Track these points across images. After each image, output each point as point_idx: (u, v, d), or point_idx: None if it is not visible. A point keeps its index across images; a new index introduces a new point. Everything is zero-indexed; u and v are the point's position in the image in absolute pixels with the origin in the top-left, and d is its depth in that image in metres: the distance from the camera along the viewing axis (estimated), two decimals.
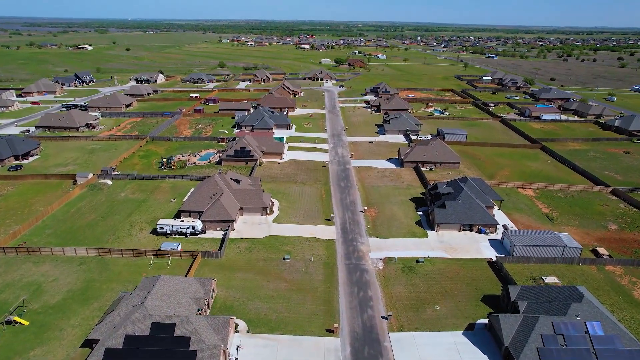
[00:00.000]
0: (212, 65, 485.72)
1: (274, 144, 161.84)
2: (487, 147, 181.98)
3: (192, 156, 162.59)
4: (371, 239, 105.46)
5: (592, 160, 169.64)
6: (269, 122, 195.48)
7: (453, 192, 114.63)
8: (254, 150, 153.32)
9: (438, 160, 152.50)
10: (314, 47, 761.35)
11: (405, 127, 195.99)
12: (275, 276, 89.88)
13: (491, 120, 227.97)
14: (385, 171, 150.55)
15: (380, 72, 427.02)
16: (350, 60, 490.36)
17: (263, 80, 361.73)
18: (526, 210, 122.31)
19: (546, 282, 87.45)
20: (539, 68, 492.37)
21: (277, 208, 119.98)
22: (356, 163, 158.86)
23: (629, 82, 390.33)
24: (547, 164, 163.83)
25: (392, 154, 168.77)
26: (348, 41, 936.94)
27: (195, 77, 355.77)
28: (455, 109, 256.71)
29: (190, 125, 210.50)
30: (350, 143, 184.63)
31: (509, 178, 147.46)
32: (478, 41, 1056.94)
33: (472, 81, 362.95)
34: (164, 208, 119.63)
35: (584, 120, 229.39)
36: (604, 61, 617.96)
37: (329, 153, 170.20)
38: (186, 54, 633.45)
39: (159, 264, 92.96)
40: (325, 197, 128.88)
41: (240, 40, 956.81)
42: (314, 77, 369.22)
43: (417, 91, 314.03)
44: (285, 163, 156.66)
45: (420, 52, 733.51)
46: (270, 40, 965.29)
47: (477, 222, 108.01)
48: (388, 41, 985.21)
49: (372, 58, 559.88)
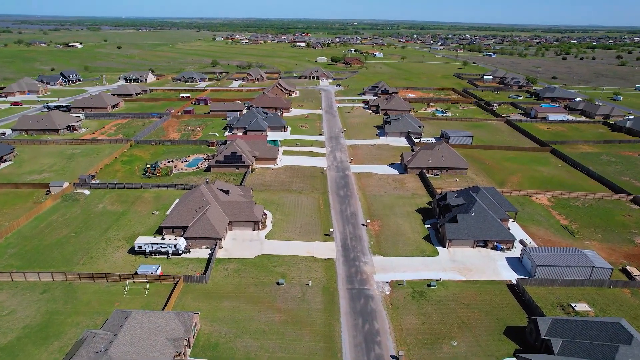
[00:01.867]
0: (205, 63, 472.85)
1: (268, 149, 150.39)
2: (494, 151, 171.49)
3: (179, 162, 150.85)
4: (375, 257, 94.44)
5: (606, 164, 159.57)
6: (263, 124, 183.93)
7: (465, 204, 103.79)
8: (245, 156, 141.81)
9: (444, 165, 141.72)
10: (309, 45, 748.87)
11: (407, 129, 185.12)
12: (267, 305, 78.66)
13: (496, 121, 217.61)
14: (387, 178, 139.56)
15: (378, 71, 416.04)
16: (347, 58, 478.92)
17: (257, 79, 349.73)
18: (543, 223, 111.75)
19: (577, 311, 76.83)
20: (539, 66, 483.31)
21: (271, 221, 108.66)
22: (356, 169, 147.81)
23: (631, 81, 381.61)
24: (559, 169, 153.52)
25: (394, 159, 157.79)
26: (344, 39, 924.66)
27: (187, 76, 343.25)
28: (458, 109, 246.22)
29: (179, 128, 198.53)
30: (349, 146, 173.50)
31: (521, 185, 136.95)
32: (475, 39, 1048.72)
33: (473, 80, 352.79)
34: (145, 222, 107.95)
35: (592, 121, 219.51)
36: (602, 59, 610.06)
37: (326, 158, 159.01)
38: (179, 52, 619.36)
39: (135, 290, 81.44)
40: (323, 208, 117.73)
41: (235, 39, 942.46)
42: (310, 76, 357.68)
43: (416, 90, 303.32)
44: (280, 169, 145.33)
45: (417, 50, 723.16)
46: (265, 38, 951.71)
47: (492, 237, 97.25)
48: (384, 39, 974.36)
49: (369, 56, 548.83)
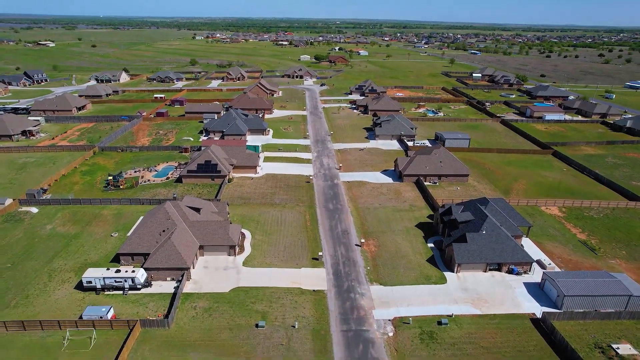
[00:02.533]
0: (183, 63, 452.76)
1: (247, 155, 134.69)
2: (493, 154, 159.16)
3: (146, 172, 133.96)
4: (373, 287, 80.00)
5: (613, 167, 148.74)
6: (242, 128, 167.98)
7: (474, 220, 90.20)
8: (221, 164, 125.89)
9: (443, 172, 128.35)
10: (292, 44, 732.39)
11: (399, 132, 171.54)
12: (244, 355, 63.44)
13: (491, 121, 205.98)
14: (381, 187, 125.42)
15: (363, 69, 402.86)
16: (331, 56, 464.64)
17: (237, 78, 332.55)
18: (559, 238, 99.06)
19: (621, 355, 63.71)
20: (526, 64, 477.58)
21: (249, 243, 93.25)
22: (346, 177, 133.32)
23: (619, 79, 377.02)
24: (565, 173, 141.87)
25: (387, 165, 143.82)
26: (327, 38, 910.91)
27: (163, 75, 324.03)
28: (449, 108, 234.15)
29: (150, 132, 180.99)
30: (337, 151, 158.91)
31: (528, 193, 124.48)
32: (458, 38, 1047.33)
33: (462, 78, 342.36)
34: (101, 247, 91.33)
35: (590, 121, 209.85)
36: (585, 57, 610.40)
37: (312, 164, 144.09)
38: (156, 51, 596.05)
39: (77, 342, 65.20)
40: (310, 224, 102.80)
41: (216, 37, 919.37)
42: (293, 75, 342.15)
43: (405, 89, 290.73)
44: (261, 178, 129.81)
45: (401, 48, 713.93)
46: (246, 37, 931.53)
47: (507, 259, 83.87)
48: (368, 38, 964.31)
49: (353, 54, 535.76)
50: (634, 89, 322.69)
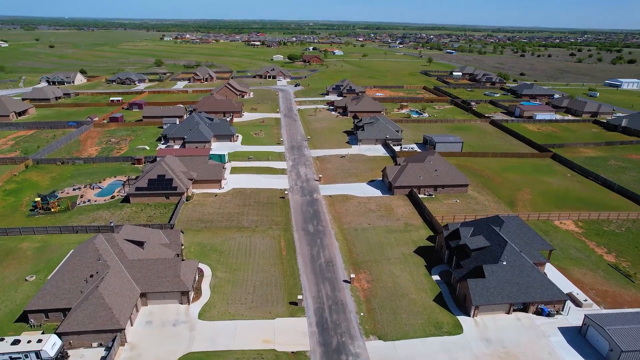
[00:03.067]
0: (148, 63, 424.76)
1: (210, 167, 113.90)
2: (488, 158, 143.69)
3: (88, 189, 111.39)
4: (371, 342, 61.23)
5: (619, 171, 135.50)
6: (206, 133, 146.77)
7: (490, 247, 72.79)
8: (178, 179, 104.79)
9: (440, 182, 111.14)
10: (264, 44, 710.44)
11: (384, 135, 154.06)
12: None
13: (480, 122, 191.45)
14: (369, 202, 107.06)
15: (339, 69, 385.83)
16: (306, 56, 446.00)
17: (205, 79, 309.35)
18: (584, 261, 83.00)
19: None
20: (503, 63, 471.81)
21: (209, 285, 72.99)
22: (327, 190, 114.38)
23: (596, 77, 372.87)
24: (569, 180, 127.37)
25: (373, 174, 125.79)
26: (301, 39, 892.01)
27: (123, 77, 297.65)
28: (434, 108, 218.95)
29: (100, 140, 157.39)
30: (315, 159, 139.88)
31: (535, 204, 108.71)
32: (431, 38, 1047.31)
33: (442, 77, 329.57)
34: (8, 298, 69.13)
35: (581, 120, 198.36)
36: (558, 57, 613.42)
37: (288, 175, 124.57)
38: (121, 52, 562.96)
39: None
40: (286, 254, 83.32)
41: (185, 38, 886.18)
42: (266, 75, 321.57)
43: (385, 89, 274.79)
44: (226, 195, 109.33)
45: (376, 48, 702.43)
46: (217, 38, 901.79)
47: (535, 297, 66.69)
48: (342, 38, 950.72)
49: (328, 54, 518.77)
50: (614, 87, 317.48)
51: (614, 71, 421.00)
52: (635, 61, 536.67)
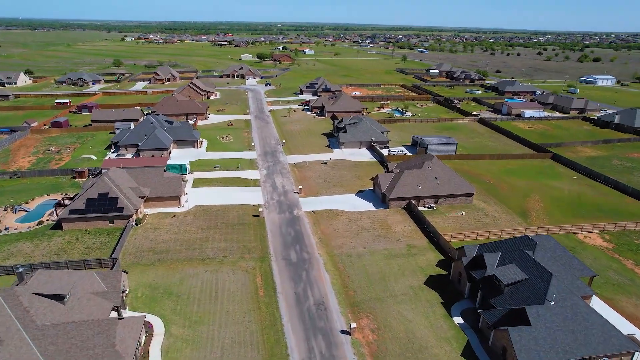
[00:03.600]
0: (105, 64, 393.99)
1: (167, 181, 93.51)
2: (486, 161, 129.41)
3: (9, 212, 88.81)
4: None
5: (626, 172, 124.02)
6: (164, 139, 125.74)
7: (529, 280, 56.60)
8: (125, 197, 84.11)
9: (442, 192, 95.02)
10: (232, 44, 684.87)
11: (369, 137, 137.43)
12: None
13: (467, 120, 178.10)
14: (360, 218, 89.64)
15: (311, 68, 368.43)
16: (275, 55, 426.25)
17: (167, 79, 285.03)
18: (630, 288, 68.36)
19: None
20: (476, 61, 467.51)
21: (160, 349, 53.44)
22: (309, 204, 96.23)
23: (569, 74, 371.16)
24: (578, 183, 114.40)
25: (362, 183, 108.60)
26: (269, 39, 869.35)
27: (74, 77, 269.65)
28: (416, 107, 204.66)
29: (37, 149, 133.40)
30: (292, 166, 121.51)
31: (550, 214, 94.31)
32: (400, 38, 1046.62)
33: (419, 75, 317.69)
34: None
35: (571, 117, 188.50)
36: (527, 55, 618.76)
37: (262, 187, 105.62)
38: (76, 52, 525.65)
39: None
40: (264, 295, 64.62)
41: (148, 39, 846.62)
42: (234, 75, 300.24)
43: (362, 87, 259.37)
44: (187, 215, 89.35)
45: (347, 48, 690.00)
46: (182, 38, 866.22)
47: (597, 350, 50.71)
48: (311, 39, 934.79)
49: (299, 53, 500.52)
50: (589, 84, 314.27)
51: (583, 68, 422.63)
52: (600, 59, 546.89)
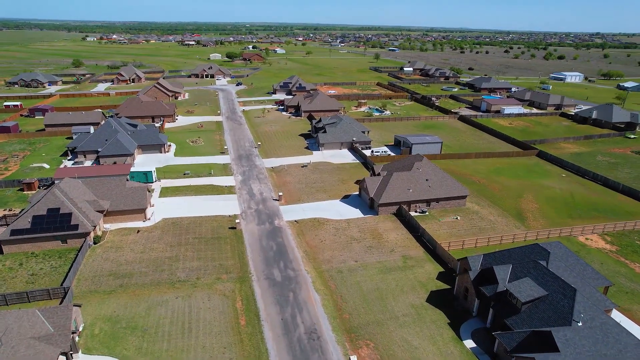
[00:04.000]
0: (64, 64, 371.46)
1: (130, 192, 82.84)
2: (471, 160, 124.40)
3: None
4: None
5: (612, 167, 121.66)
6: (127, 144, 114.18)
7: (549, 297, 50.18)
8: (81, 212, 73.20)
9: (433, 196, 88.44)
10: (200, 43, 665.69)
11: (350, 137, 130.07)
12: None
13: (448, 118, 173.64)
14: (348, 227, 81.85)
15: (283, 67, 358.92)
16: (246, 54, 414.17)
17: (132, 79, 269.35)
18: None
19: None
20: (447, 59, 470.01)
21: None
22: (291, 212, 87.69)
23: (539, 71, 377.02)
24: (567, 181, 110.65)
25: (346, 187, 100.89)
26: (238, 38, 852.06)
27: (28, 78, 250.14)
28: (394, 105, 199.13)
29: None
30: (270, 170, 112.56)
31: (546, 216, 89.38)
32: (370, 37, 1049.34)
33: (393, 73, 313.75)
34: None
35: (549, 113, 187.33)
36: (495, 53, 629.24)
37: (237, 195, 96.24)
38: (32, 52, 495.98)
39: None
40: (246, 324, 55.78)
41: (111, 38, 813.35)
42: (203, 75, 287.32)
43: (337, 86, 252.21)
44: (155, 229, 79.11)
45: (318, 47, 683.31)
46: (148, 39, 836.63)
47: None
48: (281, 38, 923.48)
49: (269, 52, 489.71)
50: (559, 80, 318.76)
51: (550, 66, 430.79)
52: (564, 57, 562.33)
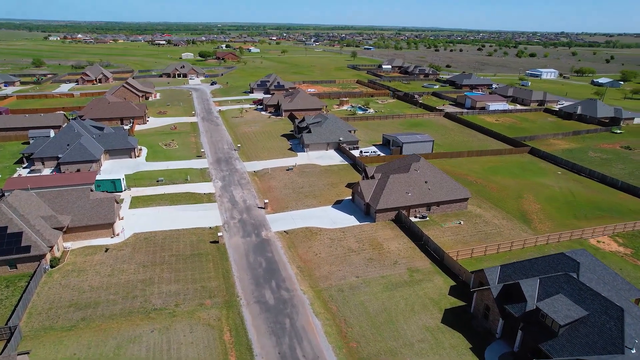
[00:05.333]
0: (24, 64, 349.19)
1: (94, 204, 72.37)
2: (464, 159, 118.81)
3: None
4: None
5: (605, 163, 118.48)
6: (92, 149, 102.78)
7: (590, 318, 43.59)
8: (34, 231, 62.49)
9: (434, 199, 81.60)
10: (171, 43, 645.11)
11: (336, 137, 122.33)
12: None
13: (433, 116, 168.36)
14: (344, 236, 73.94)
15: (259, 65, 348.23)
16: (219, 53, 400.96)
17: (98, 79, 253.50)
18: None
19: None
20: (424, 56, 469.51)
21: None
22: (279, 222, 79.09)
23: (514, 69, 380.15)
24: (564, 179, 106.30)
25: (337, 192, 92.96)
26: (211, 38, 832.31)
27: None
28: (377, 103, 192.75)
29: None
30: (253, 175, 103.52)
31: (551, 217, 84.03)
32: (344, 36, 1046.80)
33: (372, 70, 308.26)
34: None
35: (533, 109, 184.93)
36: (468, 51, 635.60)
37: (218, 203, 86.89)
38: None
39: None
40: (237, 359, 47.01)
41: (77, 38, 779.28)
42: (175, 74, 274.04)
43: (316, 84, 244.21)
44: (124, 247, 69.01)
45: (293, 46, 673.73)
46: (116, 38, 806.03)
47: None
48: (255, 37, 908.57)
49: (244, 51, 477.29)
50: (535, 77, 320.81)
51: (523, 63, 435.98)
52: (536, 55, 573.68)
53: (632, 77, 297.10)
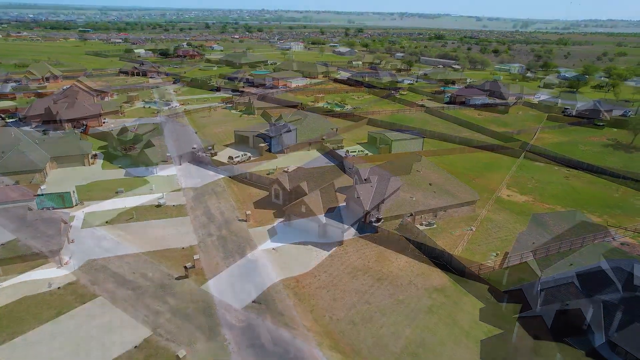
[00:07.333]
0: None
1: (36, 225, 57.92)
2: (455, 156, 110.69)
3: None
4: None
5: (598, 156, 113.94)
6: (34, 157, 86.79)
7: None
8: None
9: (440, 203, 72.12)
10: (128, 41, 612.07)
11: (319, 136, 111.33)
12: None
13: (414, 111, 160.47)
14: (345, 251, 62.97)
15: None
16: (181, 51, 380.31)
17: (46, 78, 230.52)
18: None
19: None
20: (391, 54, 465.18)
21: None
22: (265, 238, 67.21)
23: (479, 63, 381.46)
24: (562, 174, 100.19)
25: (328, 197, 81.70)
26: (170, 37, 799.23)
27: None
28: (354, 99, 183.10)
29: None
30: (227, 181, 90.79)
31: None
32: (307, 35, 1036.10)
33: (342, 67, 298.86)
34: None
35: (514, 103, 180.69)
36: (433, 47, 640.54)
37: (190, 216, 73.84)
38: None
39: None
40: None
41: (22, 36, 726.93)
42: (134, 73, 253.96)
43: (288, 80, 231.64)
44: (74, 283, 55.15)
45: (256, 44, 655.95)
46: (67, 37, 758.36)
47: None
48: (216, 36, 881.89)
49: (206, 49, 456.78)
50: (504, 71, 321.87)
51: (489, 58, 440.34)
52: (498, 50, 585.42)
53: (594, 72, 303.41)
